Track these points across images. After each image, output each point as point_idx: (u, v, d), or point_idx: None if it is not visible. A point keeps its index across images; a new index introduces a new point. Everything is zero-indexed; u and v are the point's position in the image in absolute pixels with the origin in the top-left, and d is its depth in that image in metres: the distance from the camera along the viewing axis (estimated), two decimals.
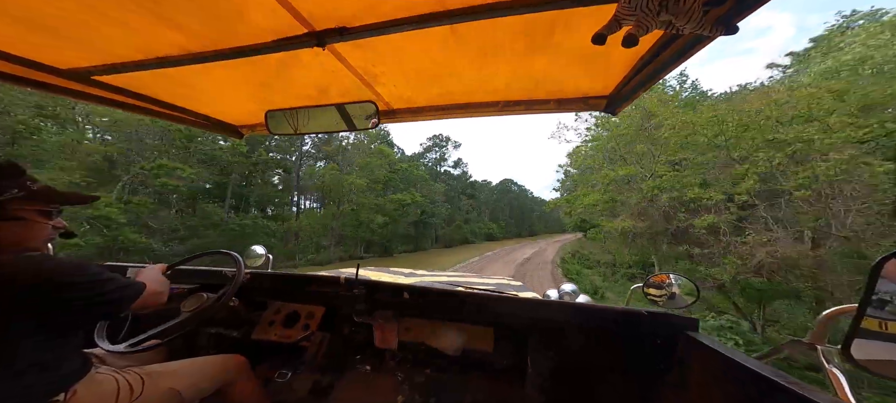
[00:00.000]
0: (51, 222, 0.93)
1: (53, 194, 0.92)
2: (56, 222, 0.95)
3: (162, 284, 1.13)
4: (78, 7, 0.82)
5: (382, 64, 1.13)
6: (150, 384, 1.00)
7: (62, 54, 1.07)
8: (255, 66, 1.14)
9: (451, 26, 0.88)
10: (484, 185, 61.63)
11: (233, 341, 1.52)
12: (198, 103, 1.52)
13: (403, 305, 1.45)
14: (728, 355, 0.81)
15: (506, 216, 61.53)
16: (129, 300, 0.95)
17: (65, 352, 0.87)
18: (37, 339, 0.79)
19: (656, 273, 1.42)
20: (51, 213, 0.92)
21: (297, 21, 0.88)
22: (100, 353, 1.10)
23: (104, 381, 0.93)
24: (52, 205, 0.93)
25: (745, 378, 0.74)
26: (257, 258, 1.89)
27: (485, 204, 55.03)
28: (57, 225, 0.96)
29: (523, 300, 1.35)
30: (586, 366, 1.24)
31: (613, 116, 1.42)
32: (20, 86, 1.21)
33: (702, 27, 0.65)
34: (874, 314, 0.54)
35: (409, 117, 1.56)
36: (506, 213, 62.53)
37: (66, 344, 0.87)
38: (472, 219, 44.39)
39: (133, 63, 1.11)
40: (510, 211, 65.58)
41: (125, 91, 1.31)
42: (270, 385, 1.45)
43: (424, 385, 1.47)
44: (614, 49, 0.74)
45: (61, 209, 0.97)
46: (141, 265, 1.66)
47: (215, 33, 0.95)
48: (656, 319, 1.11)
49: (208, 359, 1.21)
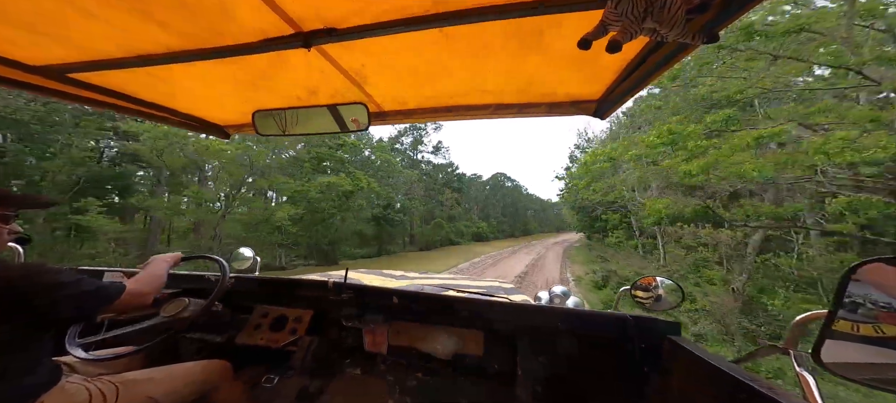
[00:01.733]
0: (7, 226, 0.90)
1: (9, 198, 0.89)
2: (11, 227, 0.92)
3: (150, 283, 1.08)
4: (52, 1, 0.79)
5: (372, 65, 1.13)
6: (124, 392, 0.96)
7: (34, 50, 1.02)
8: (242, 65, 1.12)
9: (441, 29, 0.88)
10: (474, 179, 56.02)
11: (217, 346, 1.48)
12: (182, 103, 1.48)
13: (393, 309, 1.44)
14: (706, 359, 0.84)
15: (498, 214, 56.28)
16: (101, 303, 0.90)
17: (32, 361, 0.83)
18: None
19: (644, 276, 1.45)
20: (7, 217, 0.90)
21: (283, 21, 0.87)
22: (71, 362, 1.06)
23: (74, 391, 0.89)
24: (7, 209, 0.89)
25: (723, 381, 0.76)
26: (245, 261, 1.86)
27: (475, 200, 50.54)
28: (12, 230, 0.92)
29: (513, 304, 1.36)
30: (575, 370, 1.26)
31: (602, 121, 1.44)
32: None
33: (685, 35, 0.67)
34: (846, 317, 0.56)
35: (401, 119, 1.55)
36: (498, 210, 57.32)
37: (33, 352, 0.83)
38: (458, 216, 37.95)
39: (113, 61, 1.07)
40: (503, 208, 60.45)
41: (104, 89, 1.27)
42: (257, 390, 1.42)
43: (415, 389, 1.46)
44: (603, 55, 0.75)
45: (18, 213, 0.94)
46: (119, 270, 1.61)
47: (200, 32, 0.93)
48: (642, 323, 1.13)
49: (188, 365, 1.18)
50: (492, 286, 2.16)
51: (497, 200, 59.15)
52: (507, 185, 68.06)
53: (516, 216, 66.13)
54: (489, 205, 55.61)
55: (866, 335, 0.56)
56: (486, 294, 1.73)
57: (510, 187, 68.74)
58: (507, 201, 63.29)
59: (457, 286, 2.05)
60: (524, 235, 65.02)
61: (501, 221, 55.29)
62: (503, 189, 64.95)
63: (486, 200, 55.53)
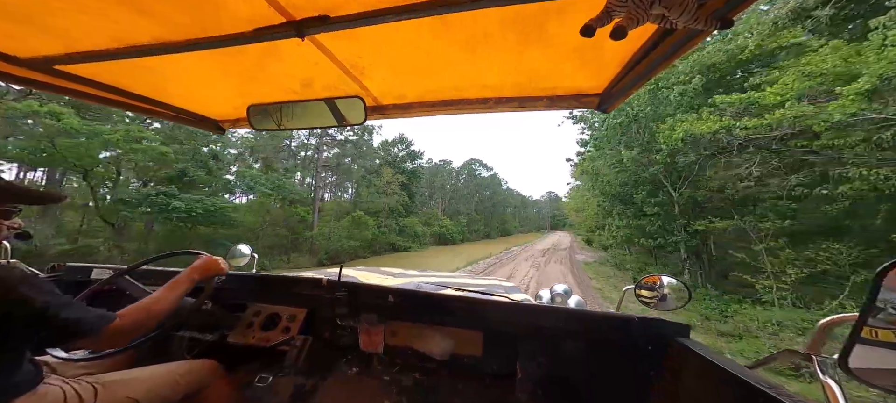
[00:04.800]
0: (7, 222, 0.88)
1: (11, 193, 0.86)
2: (11, 222, 0.89)
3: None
4: None
5: (369, 56, 1.09)
6: (103, 393, 0.92)
7: (21, 42, 1.00)
8: (235, 57, 1.09)
9: (440, 16, 0.84)
10: (442, 167, 46.86)
11: (207, 345, 1.45)
12: (174, 96, 1.44)
13: (389, 308, 1.41)
14: (718, 363, 0.79)
15: (470, 209, 46.76)
16: (75, 336, 0.81)
17: (8, 364, 0.79)
18: None
19: (648, 274, 1.41)
20: (9, 213, 0.87)
21: (274, 9, 0.83)
22: (51, 362, 1.01)
23: (49, 392, 0.86)
24: (9, 204, 0.87)
25: (736, 387, 0.72)
26: (241, 258, 1.82)
27: (441, 191, 42.12)
28: (12, 226, 0.90)
29: (513, 304, 1.32)
30: (577, 372, 1.22)
31: (605, 115, 1.40)
32: None
33: (696, 21, 0.63)
34: (876, 324, 0.52)
35: (399, 113, 1.51)
36: (471, 204, 47.77)
37: (9, 356, 0.79)
38: (412, 209, 27.41)
39: (101, 52, 1.04)
40: (478, 202, 50.70)
41: (93, 82, 1.23)
42: (249, 389, 1.39)
43: (412, 390, 1.43)
44: (607, 45, 0.71)
45: (20, 209, 0.91)
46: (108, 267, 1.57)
47: (191, 21, 0.90)
48: (647, 325, 1.09)
49: (173, 365, 1.14)
50: (491, 285, 2.12)
51: (469, 192, 50.46)
52: (482, 175, 56.93)
53: (494, 213, 55.79)
54: (460, 198, 47.41)
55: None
56: (486, 293, 1.69)
57: (486, 179, 57.62)
58: (484, 196, 54.35)
59: (456, 285, 2.02)
60: (503, 235, 54.02)
61: (474, 218, 46.04)
62: (478, 180, 55.00)
63: (455, 191, 47.50)
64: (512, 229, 63.44)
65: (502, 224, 58.16)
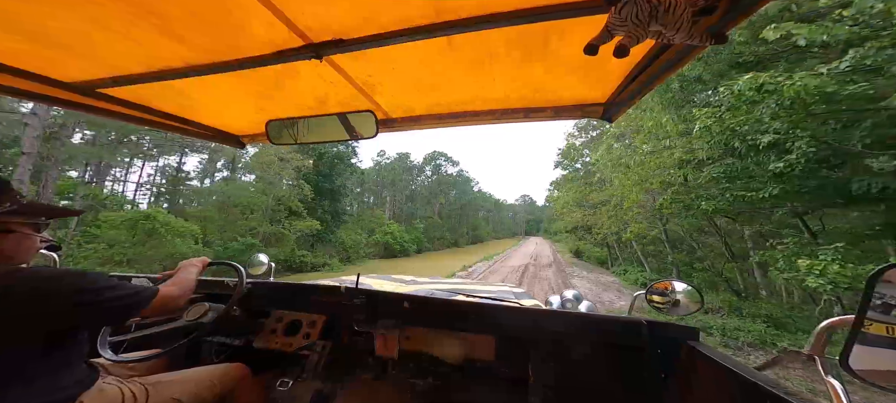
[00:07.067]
0: (39, 235, 0.95)
1: (40, 208, 0.95)
2: (42, 235, 0.97)
3: (182, 287, 1.11)
4: (83, 21, 0.84)
5: (380, 74, 1.15)
6: (153, 393, 1.00)
7: (68, 68, 1.09)
8: (255, 77, 1.16)
9: (447, 38, 0.89)
10: (401, 160, 39.16)
11: (235, 349, 1.52)
12: (200, 114, 1.54)
13: (404, 314, 1.45)
14: (729, 366, 0.80)
15: (431, 211, 38.70)
16: (133, 308, 0.94)
17: (69, 363, 0.87)
18: (38, 350, 0.79)
19: (659, 280, 1.41)
20: (39, 226, 0.95)
21: (294, 34, 0.90)
22: (104, 363, 1.11)
23: (110, 391, 0.94)
24: (39, 218, 0.95)
25: (747, 389, 0.73)
26: (260, 266, 1.91)
27: (389, 187, 34.81)
28: (43, 239, 0.98)
29: (524, 309, 1.34)
30: (589, 377, 1.23)
31: (609, 124, 1.42)
32: (27, 100, 1.24)
33: (692, 37, 0.66)
34: (878, 321, 0.53)
35: (409, 126, 1.57)
36: (434, 207, 39.77)
37: (70, 355, 0.87)
38: (337, 211, 19.35)
39: (137, 76, 1.13)
40: (443, 205, 42.13)
41: (129, 103, 1.33)
42: (272, 393, 1.44)
43: (426, 394, 1.46)
44: (609, 58, 0.74)
45: (48, 223, 0.99)
46: (145, 275, 1.67)
47: (217, 46, 0.97)
48: (658, 329, 1.10)
49: (210, 368, 1.22)
50: (502, 291, 2.14)
51: (432, 192, 42.16)
52: (449, 172, 47.26)
53: (463, 217, 46.81)
54: (419, 198, 39.50)
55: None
56: (497, 299, 1.71)
57: (453, 178, 47.90)
58: (450, 196, 45.24)
59: (467, 291, 2.05)
60: (474, 242, 46.00)
61: (436, 223, 37.32)
62: (443, 177, 45.51)
63: (412, 192, 39.37)
64: (484, 235, 55.31)
65: (473, 230, 50.45)
